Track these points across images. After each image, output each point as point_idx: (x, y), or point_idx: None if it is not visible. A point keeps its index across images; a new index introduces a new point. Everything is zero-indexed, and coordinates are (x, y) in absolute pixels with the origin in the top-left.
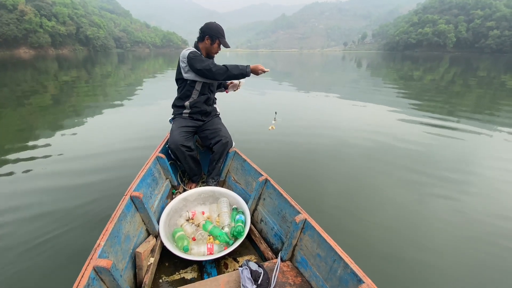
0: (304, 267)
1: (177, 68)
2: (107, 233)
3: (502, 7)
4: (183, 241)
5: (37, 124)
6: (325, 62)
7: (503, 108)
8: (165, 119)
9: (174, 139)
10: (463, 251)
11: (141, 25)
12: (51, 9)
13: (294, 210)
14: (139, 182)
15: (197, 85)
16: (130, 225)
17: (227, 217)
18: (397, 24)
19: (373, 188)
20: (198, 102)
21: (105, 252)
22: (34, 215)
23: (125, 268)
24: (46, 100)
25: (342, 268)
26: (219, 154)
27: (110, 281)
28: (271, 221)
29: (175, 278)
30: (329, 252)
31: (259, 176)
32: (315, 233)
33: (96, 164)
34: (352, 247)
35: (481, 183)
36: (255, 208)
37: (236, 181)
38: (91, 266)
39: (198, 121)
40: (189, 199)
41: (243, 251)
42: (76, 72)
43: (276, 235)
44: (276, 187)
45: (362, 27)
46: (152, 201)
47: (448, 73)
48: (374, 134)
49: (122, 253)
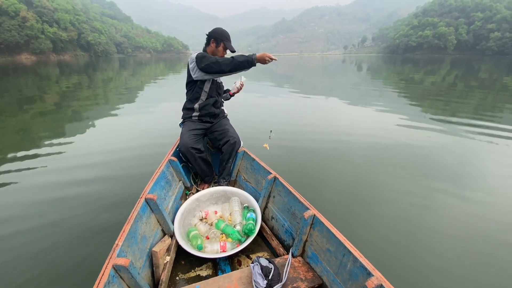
0: (315, 262)
1: (187, 72)
2: (124, 234)
3: (503, 9)
4: (197, 240)
5: (45, 130)
6: (326, 66)
7: (506, 110)
8: (174, 123)
9: (184, 142)
10: (470, 248)
11: (142, 30)
12: (53, 15)
13: (303, 207)
14: (153, 185)
15: (205, 86)
16: (146, 226)
17: (239, 215)
18: (397, 27)
19: (378, 185)
20: (207, 104)
21: (123, 251)
22: (55, 219)
23: (142, 267)
24: (47, 106)
25: (351, 262)
26: (228, 154)
27: (128, 279)
28: (281, 218)
29: (190, 276)
30: (339, 247)
31: (268, 174)
32: (324, 229)
33: (109, 169)
34: (361, 241)
35: (486, 183)
36: (266, 205)
37: (246, 180)
38: (110, 264)
39: (207, 123)
40: (202, 199)
41: (256, 248)
42: (77, 78)
43: (287, 232)
44: (285, 184)
45: (361, 31)
46: (167, 202)
47: (449, 76)
48: (379, 136)
49: (140, 252)
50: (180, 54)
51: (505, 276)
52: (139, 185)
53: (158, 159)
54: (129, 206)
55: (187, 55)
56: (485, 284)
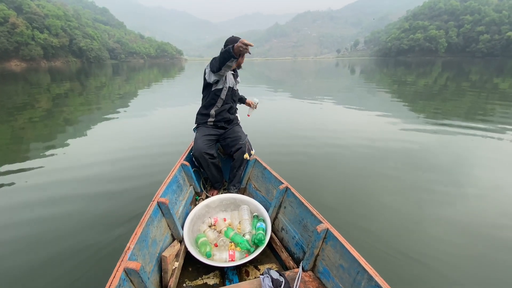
0: (327, 278)
1: (203, 78)
2: (136, 237)
3: (491, 12)
4: (206, 247)
5: (47, 134)
6: (319, 69)
7: (496, 110)
8: (187, 127)
9: (198, 147)
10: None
11: (135, 36)
12: (44, 21)
13: (316, 220)
14: (165, 188)
15: (222, 93)
16: (157, 230)
17: (248, 224)
18: (388, 30)
19: (394, 199)
20: (222, 110)
21: (134, 255)
22: (67, 220)
23: (152, 271)
24: (37, 112)
25: (366, 281)
26: (240, 161)
27: (138, 283)
28: (292, 230)
29: (198, 283)
30: (353, 264)
31: (279, 184)
32: (338, 244)
33: (121, 171)
34: (377, 258)
35: (484, 182)
36: (276, 216)
37: (256, 189)
38: (122, 267)
39: (221, 129)
40: (211, 206)
41: (264, 259)
42: (69, 84)
43: (298, 244)
44: (296, 195)
45: (354, 35)
46: (177, 207)
47: (441, 77)
48: (392, 142)
49: (150, 256)
50: (174, 59)
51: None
52: (150, 189)
53: (163, 161)
54: (137, 209)
55: (181, 60)
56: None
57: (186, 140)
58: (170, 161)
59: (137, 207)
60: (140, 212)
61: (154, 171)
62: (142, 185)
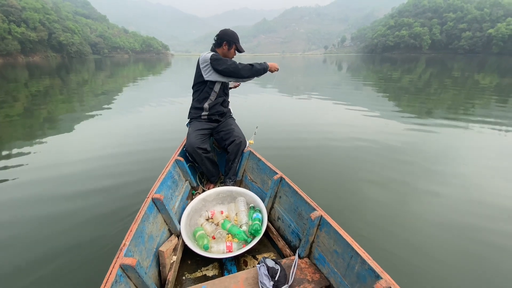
0: (322, 264)
1: (196, 73)
2: (131, 234)
3: (473, 9)
4: (204, 240)
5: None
6: (308, 65)
7: (477, 105)
8: (179, 123)
9: (190, 142)
10: (485, 253)
11: (119, 30)
12: (21, 14)
13: (310, 207)
14: (160, 184)
15: (215, 87)
16: (153, 226)
17: (245, 215)
18: (374, 27)
19: (386, 185)
20: (216, 104)
21: (130, 251)
22: (61, 218)
23: (149, 266)
24: (16, 110)
25: (359, 264)
26: (234, 154)
27: (135, 278)
28: (287, 218)
29: (197, 275)
30: (346, 249)
31: (274, 175)
32: (332, 230)
33: (113, 167)
34: (369, 242)
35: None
36: (272, 206)
37: (252, 180)
38: (118, 264)
39: (215, 122)
40: (208, 199)
41: (262, 249)
42: (49, 80)
43: (293, 232)
44: (291, 184)
45: (341, 31)
46: (173, 202)
47: (425, 74)
48: (380, 135)
49: (146, 252)
50: (160, 55)
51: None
52: (145, 185)
53: (158, 157)
54: (135, 206)
55: (168, 55)
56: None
57: (180, 136)
58: (165, 156)
59: (133, 203)
60: (137, 209)
61: (148, 167)
62: (137, 181)
